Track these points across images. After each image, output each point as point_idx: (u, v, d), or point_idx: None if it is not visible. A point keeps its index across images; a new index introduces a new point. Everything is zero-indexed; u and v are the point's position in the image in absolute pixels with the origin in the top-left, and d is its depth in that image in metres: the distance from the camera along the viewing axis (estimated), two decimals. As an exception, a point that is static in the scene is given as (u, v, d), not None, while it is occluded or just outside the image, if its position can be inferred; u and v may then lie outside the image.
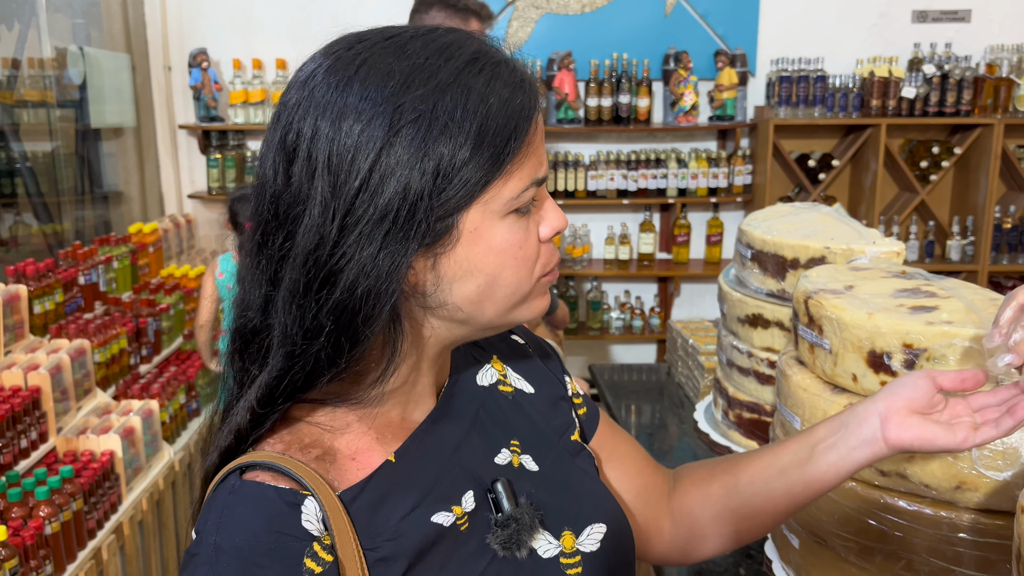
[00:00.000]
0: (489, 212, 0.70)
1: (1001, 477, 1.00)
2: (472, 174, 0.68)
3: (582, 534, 0.81)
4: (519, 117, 0.69)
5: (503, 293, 0.73)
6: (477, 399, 0.85)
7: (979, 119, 4.17)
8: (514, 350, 0.94)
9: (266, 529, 0.65)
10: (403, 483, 0.73)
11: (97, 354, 2.79)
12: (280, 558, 0.64)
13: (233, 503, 0.66)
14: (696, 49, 4.31)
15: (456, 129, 0.67)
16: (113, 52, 4.20)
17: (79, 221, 4.04)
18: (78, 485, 2.23)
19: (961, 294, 1.14)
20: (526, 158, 0.70)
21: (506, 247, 0.71)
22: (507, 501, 0.76)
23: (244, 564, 0.63)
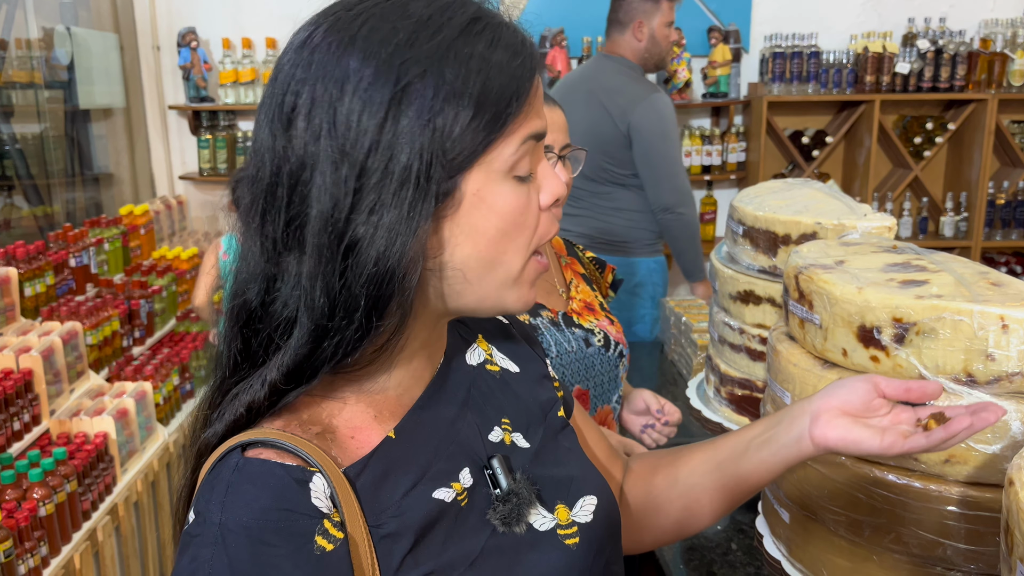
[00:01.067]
0: (492, 173, 0.69)
1: (990, 450, 1.00)
2: (475, 134, 0.67)
3: (575, 506, 0.82)
4: (520, 78, 0.69)
5: (505, 260, 0.72)
6: (468, 378, 0.85)
7: (973, 94, 4.15)
8: (499, 329, 0.94)
9: (275, 507, 0.63)
10: (403, 460, 0.73)
11: (89, 336, 2.78)
12: (290, 536, 0.62)
13: (238, 481, 0.64)
14: (689, 25, 4.28)
15: (461, 88, 0.66)
16: (101, 32, 4.16)
17: (69, 203, 4.01)
18: (72, 467, 2.23)
19: (951, 268, 1.14)
20: (527, 118, 0.70)
21: (508, 211, 0.70)
22: (504, 477, 0.77)
23: (253, 543, 0.61)
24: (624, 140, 2.89)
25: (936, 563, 1.06)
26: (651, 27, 2.92)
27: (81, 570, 2.21)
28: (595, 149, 2.84)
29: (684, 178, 2.97)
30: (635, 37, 2.94)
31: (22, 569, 1.99)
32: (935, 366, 1.02)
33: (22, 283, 2.68)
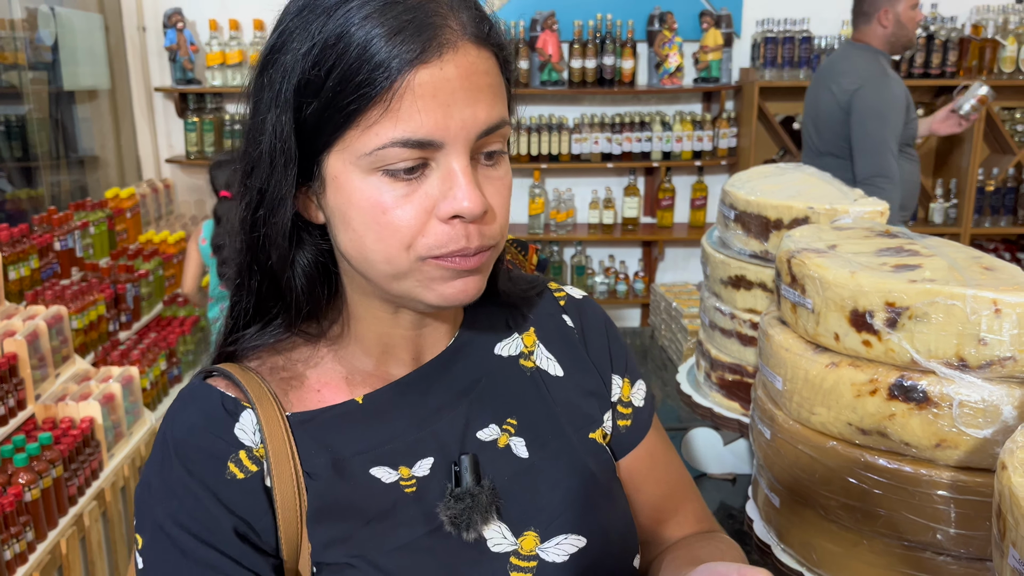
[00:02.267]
0: (348, 163, 0.65)
1: (981, 435, 1.00)
2: (324, 116, 0.64)
3: (550, 540, 0.75)
4: (375, 66, 0.62)
5: (374, 259, 0.67)
6: (483, 368, 0.81)
7: (964, 80, 4.15)
8: (557, 330, 0.87)
9: (202, 427, 0.70)
10: (360, 426, 0.73)
11: (75, 320, 2.75)
12: (207, 456, 0.69)
13: (186, 400, 0.73)
14: (681, 10, 4.26)
15: (313, 64, 0.63)
16: (85, 12, 4.10)
17: (54, 186, 3.97)
18: (57, 452, 2.21)
19: (944, 252, 1.13)
20: (384, 115, 0.62)
21: (366, 207, 0.65)
22: (468, 476, 0.73)
23: (179, 456, 0.69)
24: (843, 116, 3.02)
25: (927, 547, 1.06)
26: (896, 12, 3.01)
27: (67, 555, 2.20)
28: (823, 129, 3.10)
29: (890, 160, 2.98)
30: (880, 24, 3.04)
31: (8, 554, 1.98)
32: (927, 350, 1.02)
33: (6, 266, 2.65)
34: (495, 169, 0.69)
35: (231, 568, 0.67)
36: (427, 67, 0.62)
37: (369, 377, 0.76)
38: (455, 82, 0.63)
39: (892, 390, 1.04)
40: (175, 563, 0.67)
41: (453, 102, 0.63)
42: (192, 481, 0.68)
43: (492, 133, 0.66)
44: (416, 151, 0.63)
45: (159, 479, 0.69)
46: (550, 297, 0.89)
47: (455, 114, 0.63)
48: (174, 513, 0.67)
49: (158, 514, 0.68)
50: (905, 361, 1.04)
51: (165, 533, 0.67)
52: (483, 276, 0.71)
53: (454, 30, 0.64)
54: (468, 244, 0.66)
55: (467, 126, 0.64)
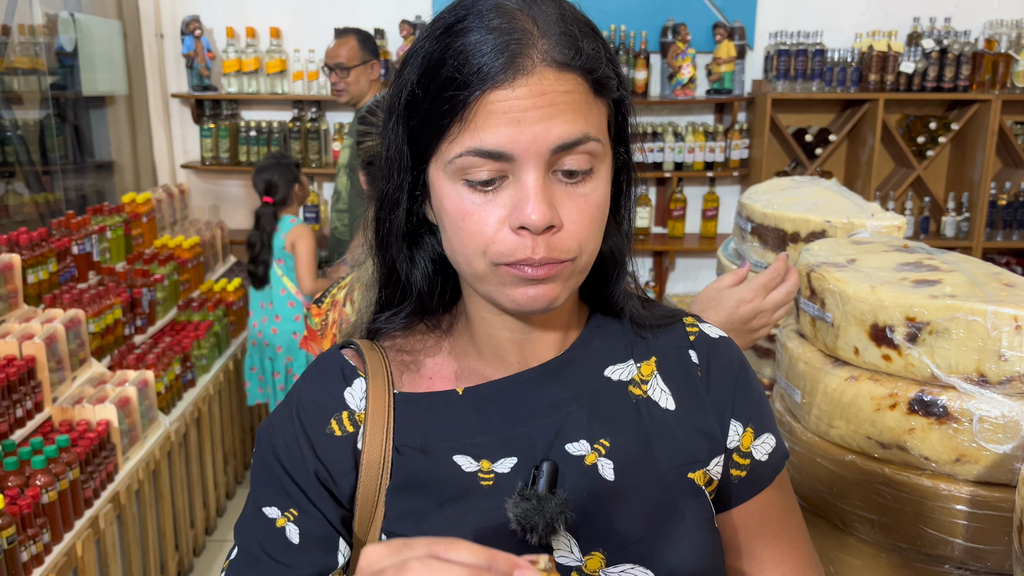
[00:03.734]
0: (441, 171, 0.71)
1: (1001, 450, 1.01)
2: (424, 131, 0.71)
3: (615, 566, 0.75)
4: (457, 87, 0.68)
5: (459, 260, 0.74)
6: (589, 386, 0.80)
7: (977, 95, 4.15)
8: (680, 364, 0.84)
9: (319, 385, 0.81)
10: (455, 415, 0.78)
11: (92, 324, 2.78)
12: (316, 409, 0.79)
13: (319, 362, 0.84)
14: (694, 22, 4.27)
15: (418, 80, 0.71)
16: (104, 19, 4.14)
17: (71, 191, 4.00)
18: (74, 454, 2.23)
19: (963, 268, 1.14)
20: (465, 127, 0.68)
21: (452, 211, 0.71)
22: (544, 482, 0.72)
23: (297, 403, 0.80)
24: None
25: (945, 561, 1.07)
26: None
27: (83, 557, 2.22)
28: None
29: None
30: None
31: (24, 556, 1.99)
32: (947, 366, 1.03)
33: (25, 270, 2.67)
34: (579, 187, 0.71)
35: (306, 504, 0.77)
36: (499, 88, 0.67)
37: (476, 374, 0.81)
38: (527, 101, 0.67)
39: (912, 405, 1.05)
40: (269, 487, 0.78)
41: (524, 119, 0.67)
42: (298, 425, 0.79)
43: (571, 149, 0.69)
44: (490, 162, 0.68)
45: (278, 417, 0.81)
46: (681, 331, 0.87)
47: (526, 129, 0.67)
48: (276, 447, 0.79)
49: (266, 445, 0.79)
50: (925, 376, 1.04)
51: (266, 461, 0.79)
52: (557, 287, 0.72)
53: (532, 58, 0.68)
54: (532, 255, 0.69)
55: (538, 141, 0.67)
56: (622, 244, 0.83)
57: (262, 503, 0.78)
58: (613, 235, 0.81)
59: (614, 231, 0.81)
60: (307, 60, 4.26)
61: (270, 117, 4.41)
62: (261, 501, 0.79)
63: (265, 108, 4.46)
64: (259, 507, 0.78)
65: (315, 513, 0.77)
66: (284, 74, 4.28)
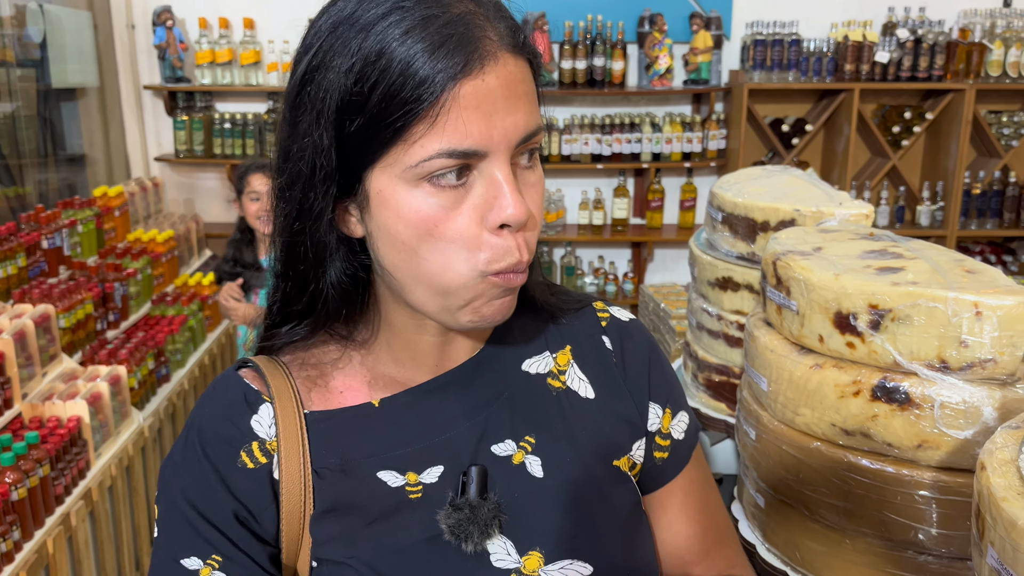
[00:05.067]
0: (393, 177, 0.65)
1: (962, 436, 1.01)
2: (367, 132, 0.64)
3: (554, 564, 0.73)
4: (419, 82, 0.61)
5: (428, 272, 0.67)
6: (507, 382, 0.79)
7: (951, 84, 4.18)
8: (595, 351, 0.84)
9: (222, 416, 0.73)
10: (374, 429, 0.74)
11: (62, 319, 2.74)
12: (223, 442, 0.72)
13: (216, 387, 0.76)
14: (671, 12, 4.27)
15: (355, 81, 0.63)
16: (74, 9, 4.08)
17: (42, 184, 3.95)
18: (44, 451, 2.20)
19: (927, 255, 1.14)
20: (431, 128, 0.62)
21: (417, 220, 0.64)
22: (474, 488, 0.72)
23: (199, 438, 0.73)
24: None
25: (908, 547, 1.07)
26: None
27: (54, 555, 2.19)
28: None
29: None
30: None
31: (-7, 554, 1.97)
32: (909, 352, 1.03)
33: (-7, 265, 2.64)
34: (531, 174, 0.69)
35: (228, 549, 0.70)
36: (470, 80, 0.62)
37: (391, 383, 0.76)
38: (497, 92, 0.63)
39: (875, 391, 1.05)
40: (184, 534, 0.71)
41: (495, 111, 0.64)
42: (206, 463, 0.72)
43: (530, 140, 0.67)
44: (461, 160, 0.64)
45: (180, 456, 0.73)
46: (592, 316, 0.86)
47: (497, 123, 0.64)
48: (186, 489, 0.71)
49: (174, 488, 0.72)
50: (888, 363, 1.05)
51: (177, 507, 0.71)
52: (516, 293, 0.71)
53: (493, 41, 0.64)
54: (521, 257, 0.66)
55: (508, 134, 0.65)
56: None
57: (179, 554, 0.70)
58: None
59: None
60: (282, 51, 4.22)
61: (245, 109, 4.37)
62: (177, 552, 0.70)
63: (240, 100, 4.42)
64: (175, 559, 0.70)
65: (241, 557, 0.70)
66: (259, 65, 4.24)
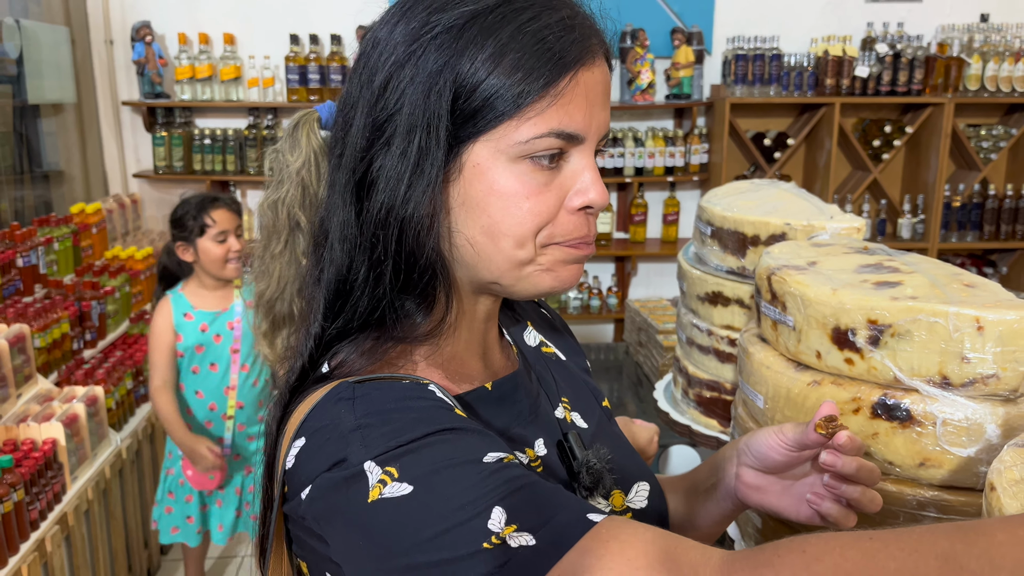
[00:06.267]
0: (498, 151, 0.67)
1: (965, 453, 0.99)
2: (484, 107, 0.66)
3: (631, 492, 0.84)
4: (550, 60, 0.65)
5: (506, 243, 0.68)
6: (533, 357, 0.88)
7: (930, 98, 4.21)
8: (544, 320, 0.97)
9: (408, 396, 0.65)
10: (493, 409, 0.76)
11: (37, 339, 2.68)
12: (433, 404, 0.65)
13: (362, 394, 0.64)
14: (652, 27, 4.28)
15: (478, 53, 0.65)
16: (51, 25, 4.03)
17: (18, 201, 3.88)
18: (18, 475, 2.14)
19: (924, 269, 1.13)
20: (550, 106, 0.66)
21: (509, 193, 0.67)
22: (578, 449, 0.78)
23: (395, 408, 0.63)
24: None
25: (910, 568, 1.05)
26: None
27: (28, 582, 2.13)
28: None
29: None
30: None
31: (-35, 583, 1.91)
32: (910, 368, 1.01)
33: (-34, 284, 2.58)
34: None
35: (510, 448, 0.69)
36: (588, 69, 0.68)
37: (457, 374, 0.76)
38: (599, 86, 0.69)
39: (875, 408, 1.03)
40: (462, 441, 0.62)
41: (595, 103, 0.69)
42: (428, 402, 0.65)
43: (606, 138, 0.73)
44: (564, 143, 0.68)
45: (381, 419, 0.62)
46: None
47: (596, 114, 0.69)
48: (419, 421, 0.62)
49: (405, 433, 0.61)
50: (888, 379, 1.03)
51: (433, 430, 0.61)
52: None
53: (602, 40, 0.71)
54: (589, 232, 0.71)
55: (600, 127, 0.70)
56: None
57: (479, 453, 0.61)
58: None
59: None
60: (262, 67, 4.19)
61: (225, 125, 4.33)
62: (476, 452, 0.61)
63: (220, 116, 4.38)
64: (478, 459, 0.60)
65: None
66: (239, 81, 4.21)
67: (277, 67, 4.21)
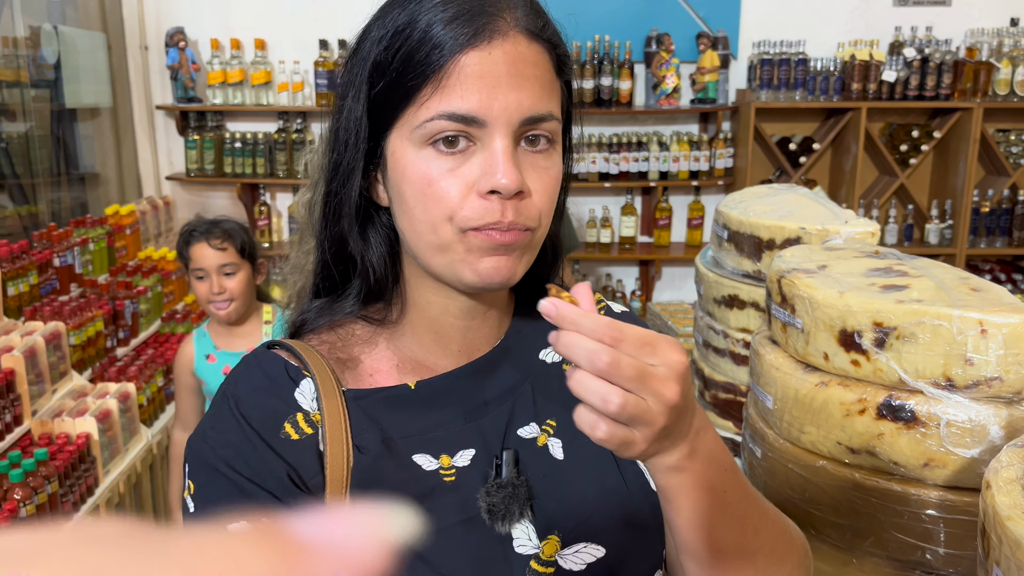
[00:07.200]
0: (405, 139, 0.70)
1: (968, 454, 1.01)
2: (389, 95, 0.70)
3: (569, 547, 0.75)
4: (431, 47, 0.67)
5: (422, 230, 0.71)
6: (528, 371, 0.83)
7: (958, 103, 4.18)
8: None
9: (263, 388, 0.73)
10: (409, 411, 0.76)
11: (72, 336, 2.76)
12: (267, 414, 0.71)
13: (250, 363, 0.76)
14: (678, 31, 4.30)
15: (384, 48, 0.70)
16: (88, 31, 4.14)
17: (55, 203, 3.99)
18: (53, 468, 2.21)
19: (932, 273, 1.15)
20: (437, 89, 0.67)
21: (416, 179, 0.69)
22: (507, 469, 0.75)
23: (239, 410, 0.71)
24: None
25: (916, 567, 1.06)
26: None
27: (61, 572, 2.19)
28: None
29: None
30: None
31: (1, 571, 1.97)
32: (915, 370, 1.03)
33: (5, 282, 2.66)
34: (541, 158, 0.71)
35: (282, 511, 0.67)
36: (476, 50, 0.67)
37: (418, 366, 0.79)
38: (501, 67, 0.67)
39: (880, 410, 1.05)
40: (230, 499, 0.68)
41: (498, 84, 0.67)
42: (249, 431, 0.70)
43: (537, 124, 0.70)
44: (460, 125, 0.68)
45: (215, 431, 0.71)
46: None
47: (499, 96, 0.67)
48: (228, 459, 0.69)
49: (212, 459, 0.70)
50: (893, 381, 1.05)
51: (220, 473, 0.69)
52: (516, 258, 0.71)
53: (506, 21, 0.69)
54: (502, 218, 0.68)
55: (509, 109, 0.68)
56: (558, 233, 0.84)
57: (224, 521, 0.68)
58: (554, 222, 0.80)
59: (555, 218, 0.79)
60: (292, 71, 4.26)
61: (255, 128, 4.41)
62: (222, 519, 0.68)
63: (250, 120, 4.46)
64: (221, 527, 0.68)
65: None
66: (269, 85, 4.28)
67: (306, 72, 4.28)
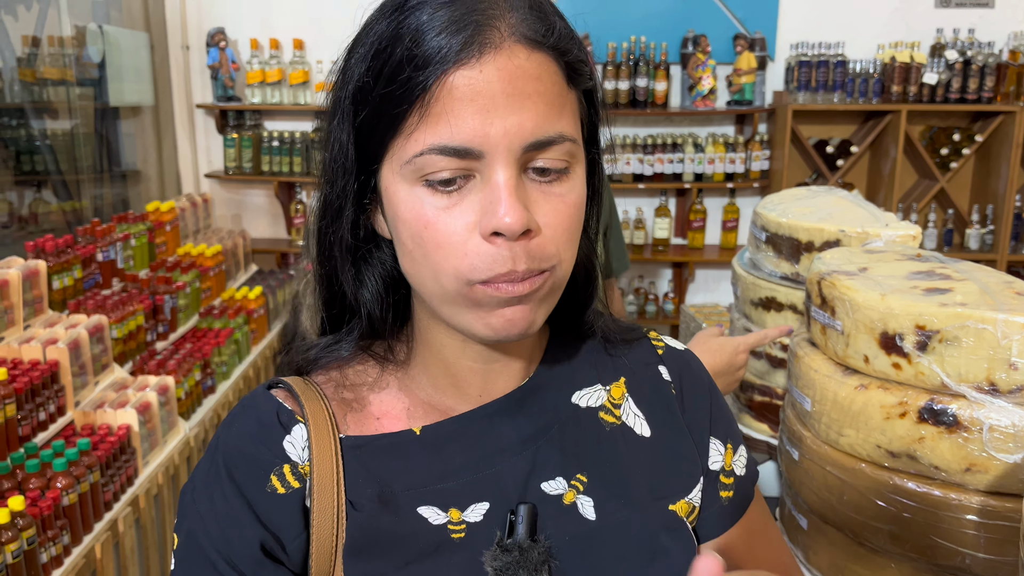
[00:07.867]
0: (396, 174, 0.61)
1: (1011, 459, 1.00)
2: (375, 126, 0.61)
3: None
4: (414, 67, 0.57)
5: (424, 277, 0.63)
6: (557, 415, 0.73)
7: (1001, 106, 4.11)
8: (651, 382, 0.78)
9: (251, 435, 0.68)
10: (414, 459, 0.68)
11: (114, 330, 2.82)
12: (252, 465, 0.66)
13: (245, 407, 0.70)
14: (715, 33, 4.28)
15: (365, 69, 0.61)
16: (132, 31, 4.22)
17: (97, 199, 4.07)
18: (95, 458, 2.26)
19: (976, 277, 1.13)
20: (423, 118, 0.58)
21: (410, 220, 0.60)
22: (523, 528, 0.66)
23: (225, 461, 0.67)
24: None
25: (955, 572, 1.05)
26: None
27: (101, 560, 2.24)
28: None
29: None
30: None
31: (44, 557, 2.02)
32: (957, 374, 1.02)
33: (50, 276, 2.72)
34: (554, 186, 0.61)
35: None
36: (464, 68, 0.57)
37: (431, 410, 0.71)
38: (495, 85, 0.57)
39: (922, 413, 1.04)
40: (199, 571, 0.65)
41: (494, 108, 0.57)
42: (231, 487, 0.65)
43: (544, 148, 0.60)
44: (455, 160, 0.58)
45: (202, 481, 0.67)
46: (647, 345, 0.80)
47: (496, 122, 0.57)
48: (208, 530, 0.65)
49: (194, 519, 0.66)
50: (935, 384, 1.04)
51: (196, 542, 0.65)
52: (536, 306, 0.63)
53: (499, 30, 0.58)
54: (515, 267, 0.59)
55: (510, 135, 0.58)
56: (593, 256, 0.73)
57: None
58: (584, 246, 0.71)
59: (584, 242, 0.70)
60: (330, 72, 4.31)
61: (293, 127, 4.46)
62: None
63: (288, 119, 4.52)
64: None
65: None
66: (307, 85, 4.34)
67: (344, 72, 4.33)
